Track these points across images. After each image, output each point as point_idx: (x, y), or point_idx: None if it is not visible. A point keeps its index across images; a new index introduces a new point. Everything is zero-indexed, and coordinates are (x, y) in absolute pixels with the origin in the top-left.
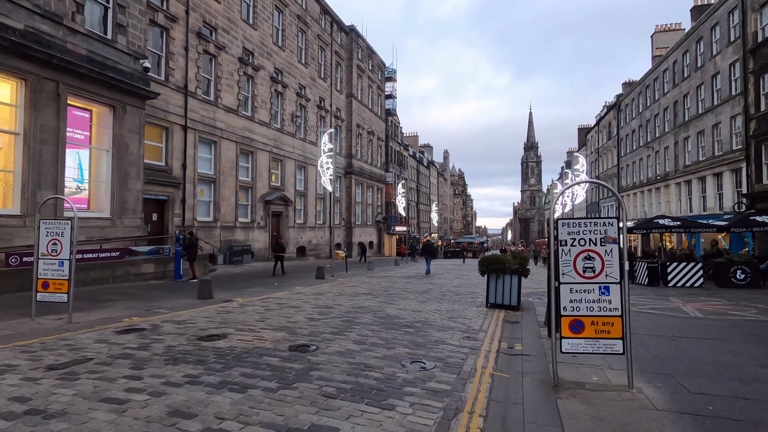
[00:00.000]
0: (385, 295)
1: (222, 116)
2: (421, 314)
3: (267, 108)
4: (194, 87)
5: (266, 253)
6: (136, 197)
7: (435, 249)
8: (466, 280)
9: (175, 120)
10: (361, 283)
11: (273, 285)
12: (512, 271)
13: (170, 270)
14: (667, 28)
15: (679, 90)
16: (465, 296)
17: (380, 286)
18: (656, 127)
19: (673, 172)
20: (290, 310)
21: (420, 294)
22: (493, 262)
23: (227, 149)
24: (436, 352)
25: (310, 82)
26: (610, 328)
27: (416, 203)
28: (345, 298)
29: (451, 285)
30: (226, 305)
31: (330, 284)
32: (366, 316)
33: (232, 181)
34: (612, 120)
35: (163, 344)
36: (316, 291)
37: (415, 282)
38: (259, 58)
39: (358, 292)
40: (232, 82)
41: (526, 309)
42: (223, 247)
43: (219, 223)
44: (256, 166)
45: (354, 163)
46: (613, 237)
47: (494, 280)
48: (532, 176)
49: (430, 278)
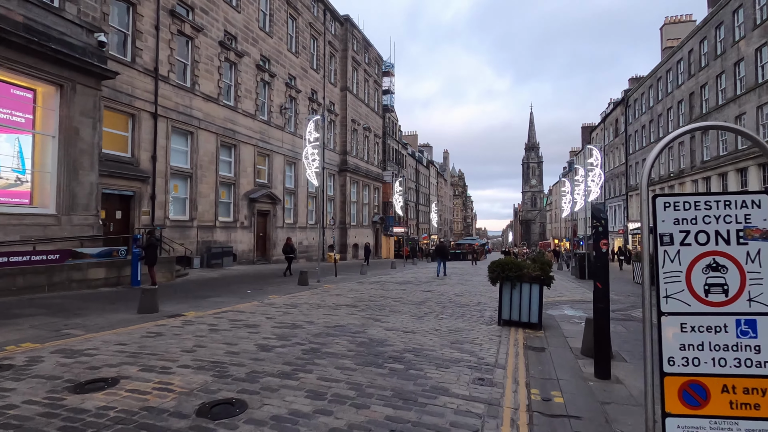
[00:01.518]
0: (373, 308)
1: (200, 104)
2: (414, 337)
3: (252, 98)
4: (166, 71)
5: (251, 256)
6: (89, 191)
7: (448, 250)
8: (470, 287)
9: (143, 106)
10: (348, 290)
11: (245, 293)
12: (532, 279)
13: (126, 275)
14: (677, 19)
15: (696, 81)
16: (470, 309)
17: (369, 295)
18: (669, 121)
19: (689, 168)
20: (242, 332)
21: (416, 306)
22: (507, 267)
23: (206, 141)
24: (434, 416)
25: (301, 73)
26: (760, 399)
27: (415, 204)
28: (321, 313)
29: (453, 293)
30: (166, 323)
31: (311, 292)
32: (340, 341)
33: (212, 177)
34: (619, 116)
35: (4, 402)
36: (291, 302)
37: (412, 289)
38: (243, 44)
39: (341, 303)
40: (211, 68)
41: (549, 327)
42: (201, 249)
43: (196, 223)
44: (240, 160)
45: (349, 160)
46: (763, 228)
47: (509, 291)
48: (533, 177)
49: (429, 284)
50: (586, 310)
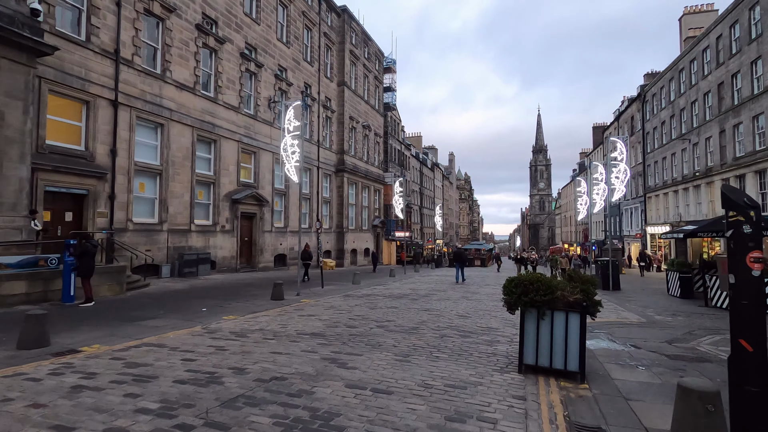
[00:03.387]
0: (345, 339)
1: (172, 93)
2: (388, 406)
3: (236, 89)
4: (130, 54)
5: (233, 263)
6: (17, 188)
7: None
8: (477, 303)
9: (100, 92)
10: (327, 308)
11: (198, 311)
12: (569, 305)
13: (56, 290)
14: (698, 9)
15: (726, 69)
16: (477, 339)
17: (350, 316)
18: (693, 115)
19: (718, 166)
20: (115, 394)
21: (405, 335)
22: (531, 287)
23: (179, 135)
24: None
25: (293, 65)
26: None
27: (419, 207)
28: (268, 350)
29: (455, 313)
30: (31, 370)
31: (280, 310)
32: (261, 418)
33: (187, 175)
34: (635, 113)
35: None
36: (244, 327)
37: (405, 307)
38: (225, 29)
39: (306, 332)
40: (187, 54)
41: (593, 374)
42: (172, 256)
43: (166, 226)
44: (221, 157)
45: (347, 159)
46: None
47: (534, 322)
48: (541, 180)
49: (428, 299)
50: (636, 342)
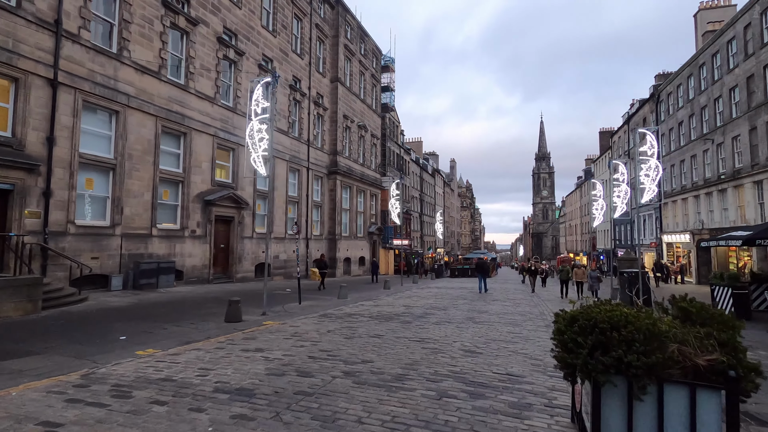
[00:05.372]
0: (282, 405)
1: (130, 76)
2: None
3: (211, 78)
4: (76, 27)
5: (205, 273)
6: None
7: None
8: (487, 329)
9: (33, 69)
10: (286, 337)
11: (113, 342)
12: (696, 371)
13: None
14: (714, 5)
15: (756, 60)
16: (496, 402)
17: (309, 354)
18: (717, 113)
19: (748, 167)
20: None
21: (380, 393)
22: (614, 336)
23: (140, 124)
24: None
25: (280, 56)
26: None
27: (419, 214)
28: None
29: (459, 347)
30: None
31: (223, 339)
32: None
33: (148, 171)
34: (648, 114)
35: None
36: (141, 375)
37: (393, 335)
38: (199, 9)
39: (228, 386)
40: (150, 33)
41: None
42: (127, 265)
43: (120, 230)
44: (192, 153)
45: (340, 160)
46: None
47: (619, 405)
48: (544, 188)
49: (425, 321)
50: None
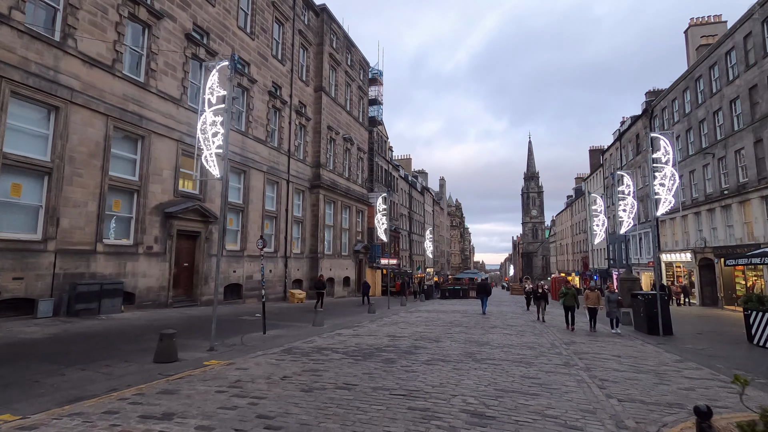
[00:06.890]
0: None
1: (76, 69)
2: None
3: (177, 77)
4: (7, 7)
5: (163, 295)
6: None
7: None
8: (493, 372)
9: None
10: (225, 387)
11: None
12: None
13: None
14: (704, 21)
15: (759, 70)
16: None
17: (240, 420)
18: (716, 126)
19: (755, 181)
20: None
21: None
22: None
23: (86, 124)
24: None
25: (259, 60)
26: None
27: (408, 232)
28: None
29: (460, 404)
30: None
31: (130, 395)
32: None
33: (94, 177)
34: (641, 131)
35: None
36: None
37: (368, 387)
38: (165, 2)
39: None
40: (103, 23)
41: None
42: (60, 287)
43: (54, 245)
44: (150, 158)
45: (323, 173)
46: None
47: None
48: (533, 207)
49: (413, 359)
50: None
